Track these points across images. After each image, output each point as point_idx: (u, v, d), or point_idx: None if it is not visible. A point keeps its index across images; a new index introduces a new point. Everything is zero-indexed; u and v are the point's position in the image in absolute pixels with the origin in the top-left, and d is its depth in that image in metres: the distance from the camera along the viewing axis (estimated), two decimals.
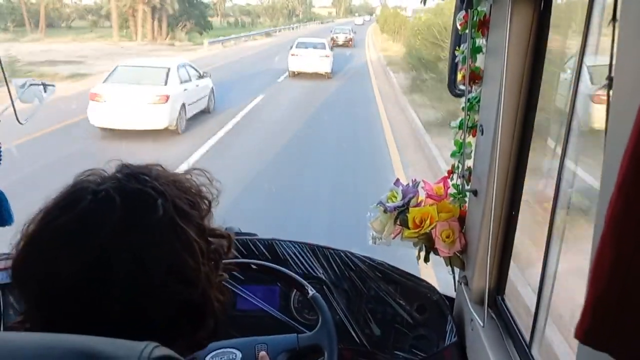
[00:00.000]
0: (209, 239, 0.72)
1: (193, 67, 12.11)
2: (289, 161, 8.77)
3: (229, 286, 1.67)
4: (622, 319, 0.49)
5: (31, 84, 1.50)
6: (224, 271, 0.78)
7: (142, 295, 0.63)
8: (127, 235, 0.63)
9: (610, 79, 0.73)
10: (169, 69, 10.87)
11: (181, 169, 0.79)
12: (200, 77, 12.09)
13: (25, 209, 0.70)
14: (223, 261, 0.76)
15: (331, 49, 21.23)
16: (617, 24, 0.72)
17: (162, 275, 0.64)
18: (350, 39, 38.27)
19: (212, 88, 12.61)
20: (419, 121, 11.18)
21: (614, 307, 0.49)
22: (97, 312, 0.62)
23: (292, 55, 19.49)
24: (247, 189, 6.79)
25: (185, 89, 10.94)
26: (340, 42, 36.85)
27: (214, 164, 7.91)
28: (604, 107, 0.74)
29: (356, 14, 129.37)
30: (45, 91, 1.52)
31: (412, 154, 9.16)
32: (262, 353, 1.22)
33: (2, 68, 1.41)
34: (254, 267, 1.44)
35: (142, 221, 0.65)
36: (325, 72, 19.12)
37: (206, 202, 0.75)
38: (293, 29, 63.59)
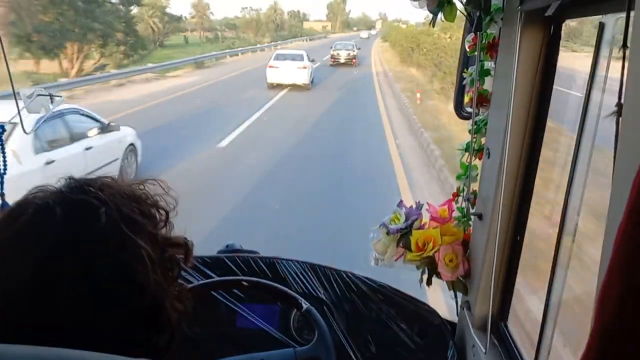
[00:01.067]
0: (166, 247, 0.72)
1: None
2: None
3: (230, 304, 1.65)
4: (630, 351, 0.48)
5: (38, 95, 1.50)
6: (218, 289, 0.77)
7: (90, 304, 0.63)
8: (69, 245, 0.64)
9: (619, 105, 0.72)
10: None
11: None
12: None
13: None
14: (217, 279, 0.75)
15: (330, 64, 31.64)
16: (627, 51, 0.71)
17: (109, 283, 0.64)
18: (354, 56, 32.95)
19: None
20: None
21: (621, 338, 0.48)
22: (44, 321, 0.62)
23: (270, 67, 19.77)
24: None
25: None
26: (342, 60, 32.36)
27: None
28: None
29: (354, 28, 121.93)
30: (52, 102, 1.53)
31: None
32: None
33: (11, 79, 1.41)
34: (245, 284, 1.44)
35: (84, 230, 0.65)
36: (303, 84, 19.30)
37: (162, 212, 0.74)
38: (257, 51, 44.03)
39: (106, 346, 0.61)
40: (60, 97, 1.52)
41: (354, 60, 32.84)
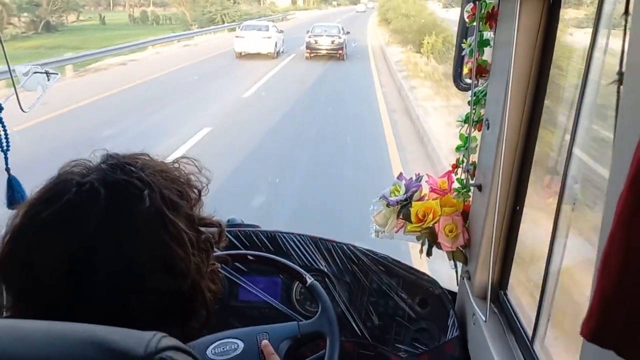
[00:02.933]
0: (199, 228, 0.72)
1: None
2: None
3: (232, 277, 1.67)
4: (631, 317, 0.49)
5: (35, 72, 1.49)
6: (220, 262, 0.78)
7: (128, 287, 0.63)
8: (112, 227, 0.63)
9: (620, 73, 0.72)
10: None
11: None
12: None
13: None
14: (220, 253, 0.76)
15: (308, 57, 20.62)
16: (629, 18, 0.71)
17: (149, 267, 0.64)
18: (340, 47, 20.60)
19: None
20: None
21: (622, 305, 0.49)
22: (80, 303, 0.62)
23: (237, 37, 20.98)
24: None
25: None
26: (323, 51, 20.55)
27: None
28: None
29: (334, 2, 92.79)
30: (48, 79, 1.52)
31: None
32: (265, 342, 1.22)
33: (5, 56, 1.40)
34: (250, 257, 1.45)
35: (127, 213, 0.64)
36: (268, 53, 20.48)
37: (195, 191, 0.74)
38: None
39: (142, 327, 0.61)
40: (57, 74, 1.50)
41: (340, 52, 20.57)
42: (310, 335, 1.29)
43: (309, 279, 1.35)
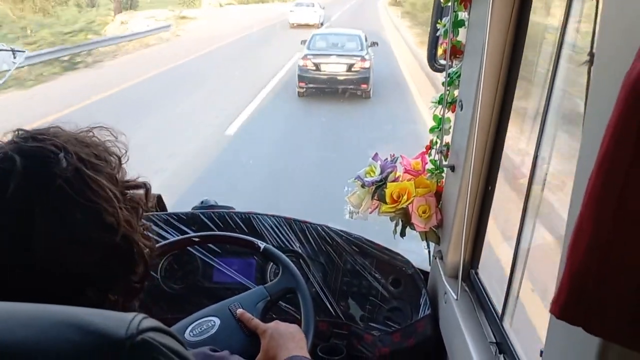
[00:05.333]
0: (125, 190, 0.74)
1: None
2: None
3: (206, 259, 1.66)
4: (599, 295, 0.50)
5: (0, 50, 1.44)
6: (171, 251, 0.79)
7: (65, 245, 0.65)
8: (34, 189, 0.64)
9: (591, 55, 0.73)
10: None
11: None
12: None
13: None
14: (162, 243, 0.77)
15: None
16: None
17: (79, 224, 0.66)
18: (364, 76, 11.28)
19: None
20: None
21: (591, 282, 0.50)
22: (24, 271, 0.63)
23: (290, 12, 26.84)
24: None
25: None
26: (332, 83, 11.50)
27: None
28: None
29: None
30: (14, 57, 1.47)
31: None
32: (240, 310, 1.22)
33: None
34: (196, 239, 1.46)
35: (46, 175, 0.65)
36: (315, 23, 25.01)
37: (114, 157, 0.75)
38: None
39: (86, 286, 0.65)
40: (24, 51, 1.46)
41: (363, 86, 11.21)
42: (280, 293, 1.30)
43: (261, 244, 1.36)
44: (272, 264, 1.64)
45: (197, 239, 1.47)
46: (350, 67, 11.32)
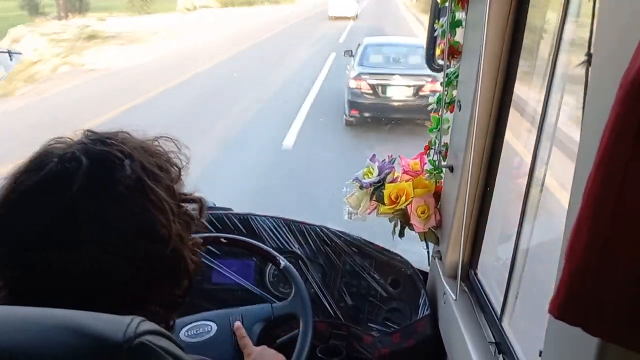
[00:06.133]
0: (181, 203, 0.74)
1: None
2: None
3: (205, 260, 1.66)
4: (597, 295, 0.50)
5: None
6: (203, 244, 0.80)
7: (111, 251, 0.64)
8: (94, 193, 0.65)
9: (589, 55, 0.73)
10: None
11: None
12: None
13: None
14: (194, 235, 0.77)
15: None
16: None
17: (131, 234, 0.66)
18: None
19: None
20: None
21: (589, 282, 0.50)
22: (66, 270, 0.63)
23: (329, 5, 28.50)
24: None
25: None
26: (395, 112, 8.53)
27: None
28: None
29: None
30: (11, 59, 1.47)
31: None
32: (237, 323, 1.22)
33: None
34: (223, 240, 1.45)
35: (109, 179, 0.66)
36: (352, 16, 27.36)
37: (175, 168, 0.76)
38: None
39: (125, 295, 0.65)
40: (20, 53, 1.46)
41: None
42: (284, 317, 1.29)
43: (283, 262, 1.36)
44: (271, 265, 1.64)
45: (224, 240, 1.46)
46: (417, 91, 8.31)
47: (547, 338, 0.82)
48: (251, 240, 1.44)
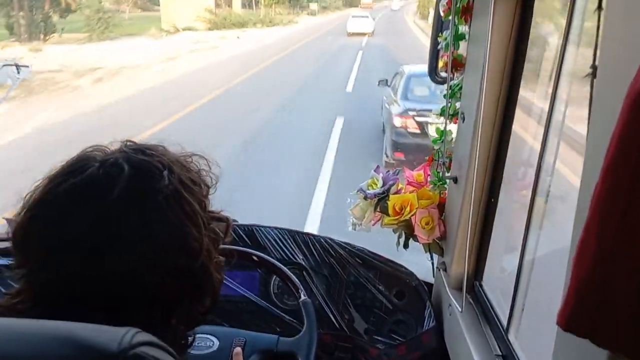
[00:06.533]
0: (210, 219, 0.75)
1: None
2: None
3: None
4: (605, 306, 0.50)
5: (4, 65, 1.46)
6: (225, 256, 0.80)
7: (145, 259, 0.65)
8: (134, 199, 0.65)
9: (594, 67, 0.74)
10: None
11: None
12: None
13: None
14: (227, 247, 0.78)
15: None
16: (602, 13, 0.72)
17: (165, 243, 0.66)
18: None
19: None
20: None
21: (597, 294, 0.50)
22: (97, 277, 0.63)
23: (348, 22, 31.99)
24: None
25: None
26: None
27: None
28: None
29: (311, 4, 55.72)
30: (18, 72, 1.49)
31: None
32: (237, 349, 1.20)
33: None
34: (255, 259, 1.43)
35: (149, 188, 0.67)
36: (368, 32, 30.70)
37: (205, 186, 0.77)
38: None
39: (151, 305, 0.65)
40: (27, 66, 1.48)
41: None
42: (286, 354, 1.26)
43: (304, 297, 1.32)
44: (275, 277, 1.63)
45: (256, 258, 1.43)
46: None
47: (555, 350, 0.82)
48: (279, 265, 1.41)
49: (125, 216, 0.64)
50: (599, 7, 0.72)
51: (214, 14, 39.12)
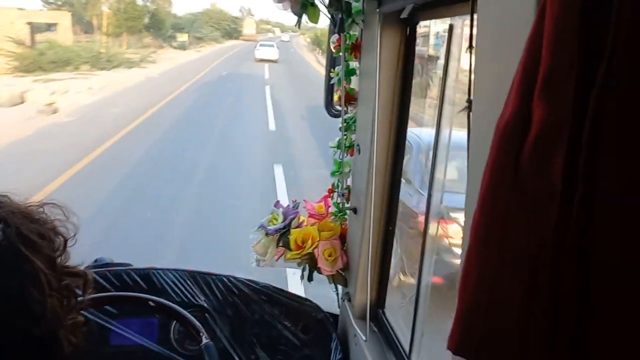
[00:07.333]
0: (63, 275, 0.67)
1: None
2: None
3: (101, 321, 1.54)
4: (488, 330, 0.52)
5: None
6: (108, 305, 0.73)
7: None
8: None
9: (469, 101, 0.79)
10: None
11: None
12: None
13: None
14: (122, 294, 0.71)
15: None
16: (474, 51, 0.77)
17: (3, 308, 0.60)
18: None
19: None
20: None
21: (480, 320, 0.52)
22: None
23: (256, 49, 34.25)
24: None
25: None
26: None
27: None
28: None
29: (179, 39, 43.69)
30: None
31: None
32: None
33: None
34: (152, 304, 1.34)
35: None
36: (274, 59, 32.97)
37: (60, 237, 0.69)
38: None
39: None
40: None
41: None
42: None
43: (205, 340, 1.26)
44: (175, 322, 1.55)
45: (152, 304, 1.33)
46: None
47: None
48: (180, 310, 1.33)
49: None
50: (470, 46, 0.78)
51: (27, 46, 24.32)
